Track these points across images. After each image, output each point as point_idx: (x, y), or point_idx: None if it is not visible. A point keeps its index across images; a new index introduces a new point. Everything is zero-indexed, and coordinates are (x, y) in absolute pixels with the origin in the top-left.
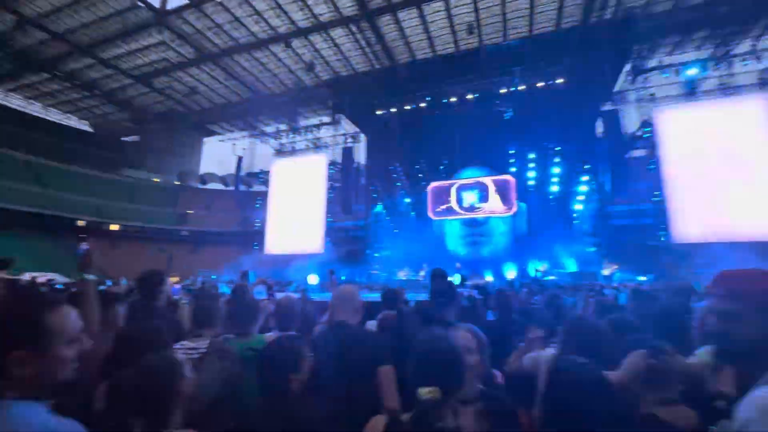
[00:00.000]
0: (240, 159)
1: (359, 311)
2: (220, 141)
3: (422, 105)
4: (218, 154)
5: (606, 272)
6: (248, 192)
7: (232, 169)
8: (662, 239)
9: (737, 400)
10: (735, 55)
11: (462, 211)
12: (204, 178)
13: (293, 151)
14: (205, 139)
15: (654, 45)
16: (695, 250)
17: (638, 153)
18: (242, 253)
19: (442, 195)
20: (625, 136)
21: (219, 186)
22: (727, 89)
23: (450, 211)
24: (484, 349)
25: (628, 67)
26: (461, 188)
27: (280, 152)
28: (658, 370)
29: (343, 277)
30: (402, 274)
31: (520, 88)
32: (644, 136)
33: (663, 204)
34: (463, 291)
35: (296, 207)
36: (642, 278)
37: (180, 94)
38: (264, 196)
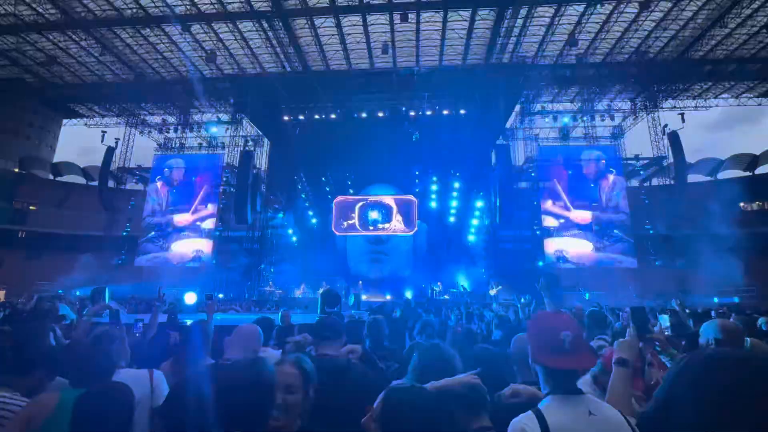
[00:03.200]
0: (111, 150)
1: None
2: (87, 126)
3: (333, 116)
4: (83, 142)
5: (493, 292)
6: (119, 190)
7: (99, 161)
8: (540, 263)
9: None
10: (596, 111)
11: (364, 230)
12: (58, 168)
13: (182, 148)
14: (66, 122)
15: (538, 92)
16: (563, 273)
17: (523, 185)
18: (104, 264)
19: (347, 210)
20: (514, 169)
21: (79, 179)
22: (590, 137)
23: (354, 227)
24: (310, 384)
25: (518, 108)
26: (366, 205)
27: (164, 147)
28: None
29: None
30: (298, 292)
31: (427, 112)
32: (529, 170)
33: (540, 232)
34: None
35: (181, 212)
36: (522, 299)
37: (32, 61)
38: (140, 196)
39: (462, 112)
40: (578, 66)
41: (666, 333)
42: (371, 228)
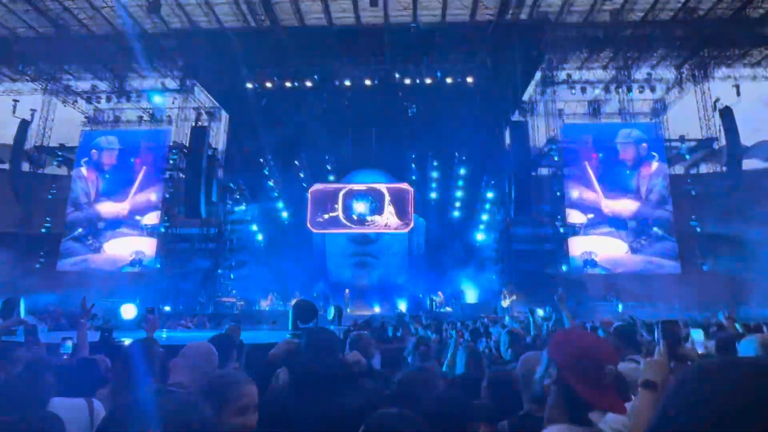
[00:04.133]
0: (26, 124)
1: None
2: None
3: (308, 84)
4: None
5: (505, 303)
6: (36, 175)
7: (10, 138)
8: (564, 268)
9: None
10: (634, 81)
11: (349, 224)
12: None
13: (116, 122)
14: None
15: (564, 56)
16: (591, 280)
17: (544, 171)
18: (18, 268)
19: (327, 201)
20: (533, 151)
21: None
22: (626, 113)
23: (335, 222)
24: None
25: (538, 76)
26: (350, 195)
27: (94, 121)
28: None
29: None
30: (265, 304)
31: (426, 81)
32: (551, 153)
33: (565, 229)
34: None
35: (114, 203)
36: (540, 311)
37: None
38: (63, 182)
39: (469, 80)
40: (613, 25)
41: (698, 351)
42: (355, 218)
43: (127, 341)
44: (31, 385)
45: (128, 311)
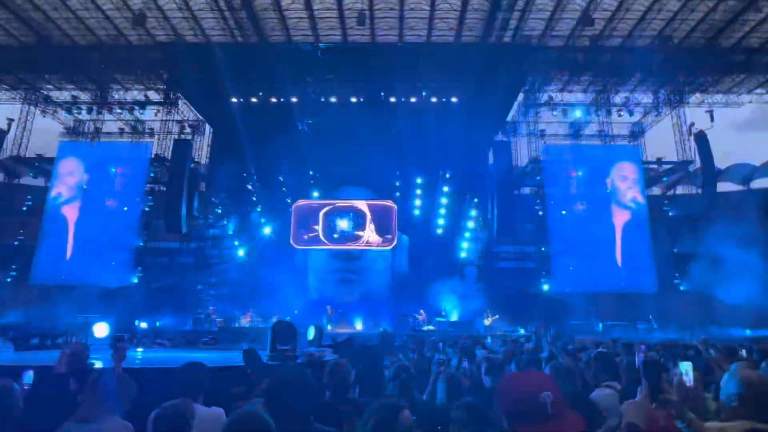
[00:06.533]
0: (3, 133)
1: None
2: None
3: (293, 100)
4: None
5: (487, 322)
6: (12, 185)
7: None
8: (545, 287)
9: None
10: (613, 105)
11: (329, 242)
12: None
13: (96, 134)
14: None
15: (546, 79)
16: (571, 300)
17: (527, 191)
18: None
19: (310, 218)
20: (516, 171)
21: None
22: (605, 135)
23: (318, 239)
24: None
25: (521, 97)
26: (333, 212)
27: (74, 132)
28: None
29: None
30: (245, 320)
31: (411, 99)
32: (533, 173)
33: (547, 248)
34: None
35: (91, 216)
36: (521, 330)
37: None
38: (39, 193)
39: (454, 100)
40: (592, 50)
41: (687, 383)
42: (336, 235)
43: (98, 364)
44: None
45: (101, 330)
